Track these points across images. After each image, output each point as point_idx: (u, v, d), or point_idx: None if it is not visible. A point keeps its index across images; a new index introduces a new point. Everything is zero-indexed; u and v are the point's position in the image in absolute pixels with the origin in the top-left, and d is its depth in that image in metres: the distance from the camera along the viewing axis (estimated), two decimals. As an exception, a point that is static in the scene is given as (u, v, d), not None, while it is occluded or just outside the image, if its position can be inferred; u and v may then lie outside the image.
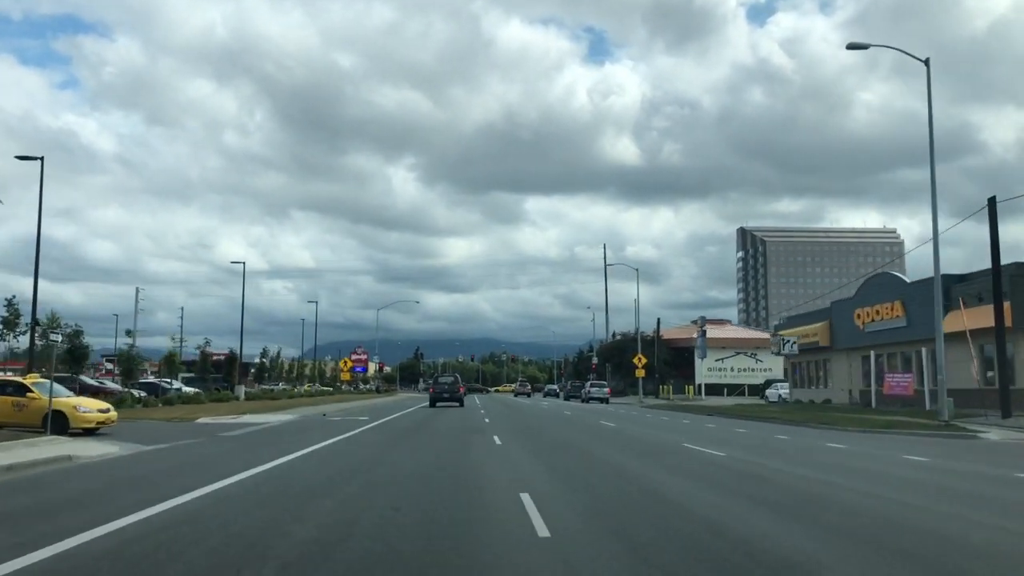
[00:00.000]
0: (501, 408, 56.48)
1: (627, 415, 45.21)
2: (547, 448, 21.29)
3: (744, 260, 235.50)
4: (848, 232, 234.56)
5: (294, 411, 41.39)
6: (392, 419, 36.24)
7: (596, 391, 75.92)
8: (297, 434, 25.34)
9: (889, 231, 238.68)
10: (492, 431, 27.90)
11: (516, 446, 21.78)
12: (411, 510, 10.00)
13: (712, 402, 63.63)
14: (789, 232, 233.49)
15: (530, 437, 25.66)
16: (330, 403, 54.21)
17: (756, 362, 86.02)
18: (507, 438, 24.41)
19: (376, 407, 52.81)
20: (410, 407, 53.25)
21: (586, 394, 76.22)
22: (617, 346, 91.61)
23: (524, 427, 32.20)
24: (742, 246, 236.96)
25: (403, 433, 26.55)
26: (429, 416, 40.52)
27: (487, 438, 24.27)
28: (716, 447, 21.17)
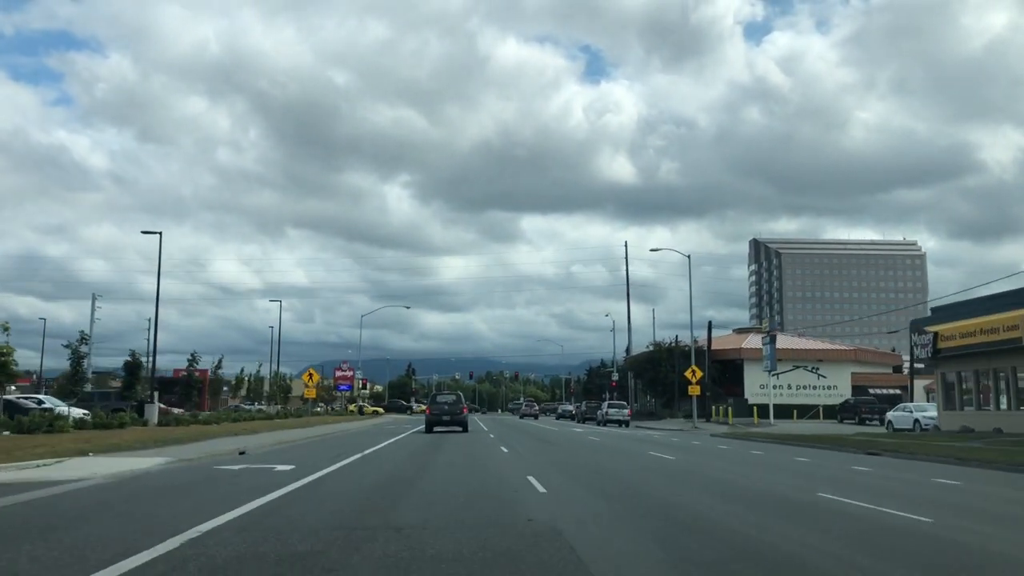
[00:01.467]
0: (514, 433, 41.95)
1: (694, 446, 30.64)
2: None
3: (757, 273, 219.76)
4: (866, 244, 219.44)
5: (195, 446, 24.94)
6: (351, 462, 20.10)
7: (615, 412, 63.47)
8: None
9: (909, 243, 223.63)
10: (527, 475, 17.30)
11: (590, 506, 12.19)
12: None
13: (792, 428, 47.32)
14: (804, 244, 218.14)
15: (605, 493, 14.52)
16: (275, 431, 37.88)
17: (818, 378, 69.63)
18: (566, 492, 14.55)
19: (342, 436, 37.00)
20: (393, 435, 37.31)
21: (603, 416, 63.87)
22: (650, 358, 75.28)
23: (565, 464, 21.61)
24: (754, 259, 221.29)
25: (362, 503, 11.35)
26: (423, 448, 27.78)
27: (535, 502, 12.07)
28: (906, 506, 11.85)
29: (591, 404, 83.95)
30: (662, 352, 74.86)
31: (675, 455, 24.91)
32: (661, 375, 72.81)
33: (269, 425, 42.62)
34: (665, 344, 75.94)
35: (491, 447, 28.33)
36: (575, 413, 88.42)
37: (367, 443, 30.77)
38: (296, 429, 40.88)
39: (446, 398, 43.73)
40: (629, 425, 62.09)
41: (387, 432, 43.12)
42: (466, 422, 41.99)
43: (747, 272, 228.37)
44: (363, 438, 35.80)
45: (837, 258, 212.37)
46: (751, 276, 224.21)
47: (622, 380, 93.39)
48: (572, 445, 30.64)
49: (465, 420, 41.77)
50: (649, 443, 33.32)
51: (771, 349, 55.46)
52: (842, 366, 74.05)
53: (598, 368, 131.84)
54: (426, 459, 22.06)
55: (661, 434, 45.29)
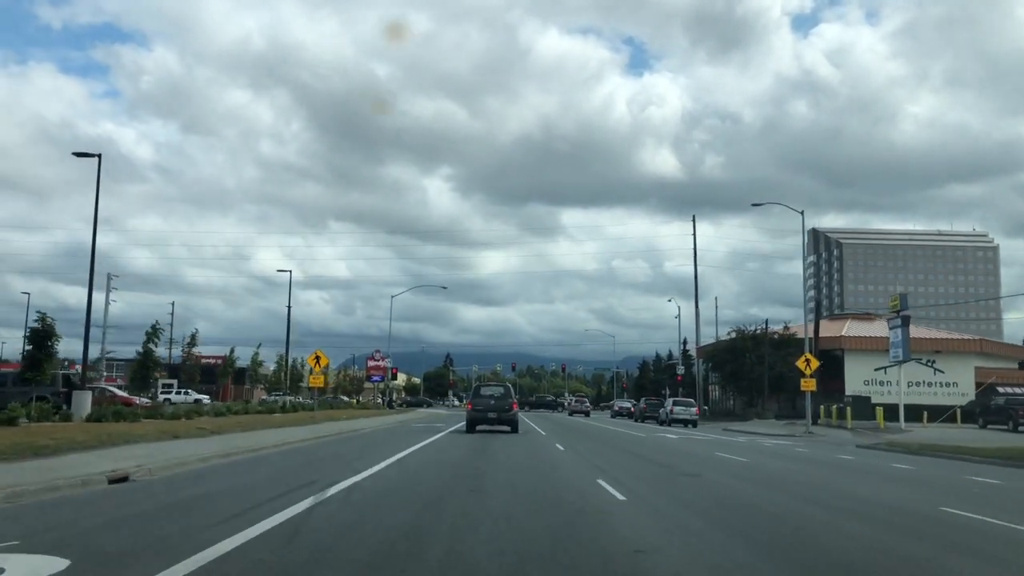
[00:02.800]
0: (581, 438, 31.58)
1: (851, 465, 19.69)
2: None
3: (816, 265, 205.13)
4: (933, 235, 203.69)
5: (30, 466, 13.44)
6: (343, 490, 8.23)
7: (681, 411, 55.08)
8: None
9: (980, 234, 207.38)
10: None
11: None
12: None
13: (939, 435, 34.94)
14: (867, 234, 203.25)
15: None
16: (250, 432, 26.82)
17: (935, 373, 56.77)
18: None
19: (349, 440, 25.98)
20: (418, 440, 26.01)
21: (667, 415, 55.74)
22: (731, 348, 62.84)
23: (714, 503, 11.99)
24: (813, 249, 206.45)
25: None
26: (464, 459, 19.29)
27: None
28: None
29: (651, 401, 72.24)
30: (746, 340, 62.48)
31: (864, 486, 13.50)
32: (745, 368, 60.51)
33: (250, 423, 31.36)
34: (749, 331, 63.58)
35: (573, 471, 16.76)
36: (633, 411, 76.54)
37: (374, 455, 19.49)
38: (287, 428, 29.76)
39: (492, 391, 34.88)
40: (697, 426, 51.98)
41: (415, 433, 31.93)
42: (516, 421, 33.22)
43: (804, 264, 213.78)
44: (375, 443, 24.68)
45: (901, 249, 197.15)
46: (809, 268, 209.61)
47: (688, 375, 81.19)
48: (689, 463, 19.05)
49: (515, 419, 33.09)
50: (779, 457, 21.74)
51: (903, 335, 43.13)
52: (963, 359, 61.04)
53: (655, 361, 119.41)
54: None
55: (773, 442, 33.40)
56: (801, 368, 41.27)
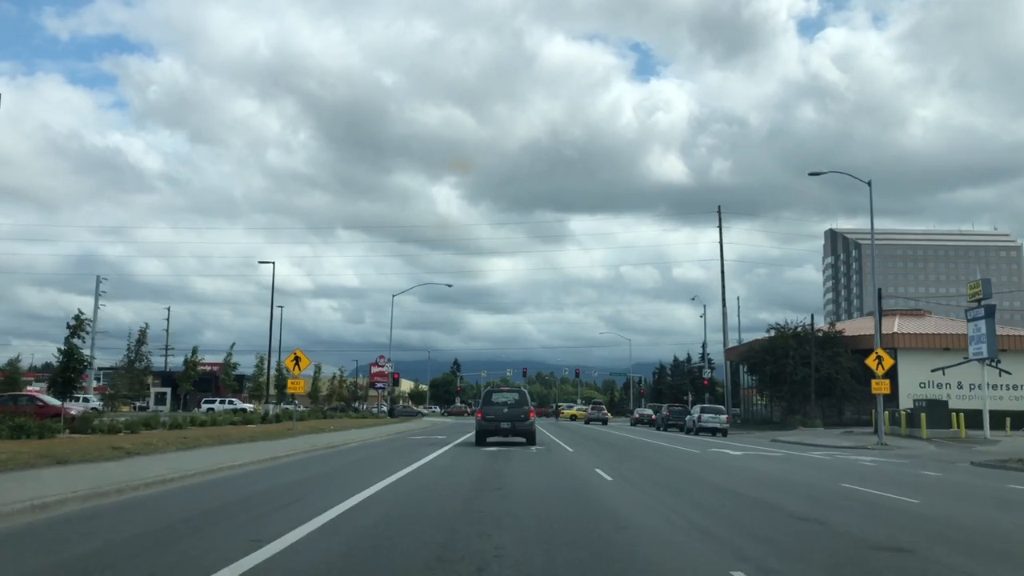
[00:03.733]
0: (615, 455, 24.98)
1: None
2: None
3: (834, 267, 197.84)
4: (954, 235, 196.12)
5: None
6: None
7: (710, 419, 49.35)
8: None
9: (1002, 234, 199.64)
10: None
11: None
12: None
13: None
14: (886, 234, 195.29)
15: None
16: (171, 453, 19.80)
17: (1000, 375, 49.64)
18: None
19: (327, 457, 20.08)
20: (407, 462, 19.05)
21: (694, 423, 50.08)
22: (769, 347, 55.68)
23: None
24: (831, 250, 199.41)
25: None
26: (468, 501, 12.37)
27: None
28: None
29: (675, 408, 65.39)
30: (787, 339, 55.39)
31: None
32: (787, 370, 53.43)
33: (200, 438, 24.63)
34: (790, 328, 56.48)
35: (656, 531, 9.84)
36: (655, 419, 69.60)
37: (332, 492, 12.71)
38: (249, 444, 23.30)
39: (505, 397, 29.49)
40: (727, 435, 46.31)
41: (409, 448, 25.21)
42: (533, 432, 28.62)
43: (822, 266, 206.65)
44: (349, 468, 17.97)
45: (922, 249, 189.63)
46: (827, 270, 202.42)
47: (713, 379, 74.18)
48: (841, 512, 12.24)
49: (532, 429, 28.45)
50: (951, 494, 14.92)
51: (987, 327, 36.25)
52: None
53: (673, 365, 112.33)
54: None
55: (868, 459, 26.53)
56: (872, 367, 34.40)
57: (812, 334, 53.12)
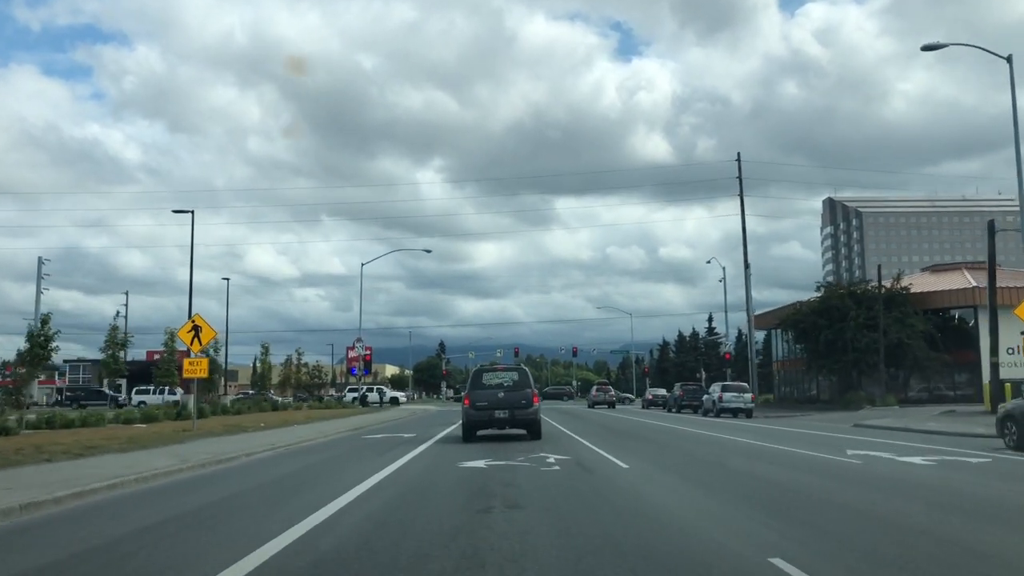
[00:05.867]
0: (687, 461, 15.48)
1: None
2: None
3: (834, 236, 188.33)
4: (958, 201, 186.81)
5: None
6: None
7: (733, 399, 42.22)
8: None
9: (1008, 199, 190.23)
10: None
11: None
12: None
13: None
14: (888, 202, 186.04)
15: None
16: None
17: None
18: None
19: (179, 492, 7.61)
20: (333, 491, 7.51)
21: (714, 403, 42.87)
22: (823, 309, 44.86)
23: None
24: (830, 220, 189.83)
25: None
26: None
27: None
28: None
29: (689, 387, 55.84)
30: (843, 298, 44.85)
31: None
32: (846, 336, 43.02)
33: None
34: (848, 286, 46.03)
35: None
36: (667, 399, 59.68)
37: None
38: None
39: (500, 378, 22.14)
40: (752, 415, 40.03)
41: (353, 457, 14.67)
42: (538, 422, 21.65)
43: (820, 235, 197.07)
44: (188, 520, 6.77)
45: (925, 216, 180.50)
46: (826, 240, 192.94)
47: (739, 354, 63.99)
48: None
49: (536, 418, 21.48)
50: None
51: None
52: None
53: (679, 342, 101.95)
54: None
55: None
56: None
57: (881, 289, 42.48)
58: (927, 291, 46.16)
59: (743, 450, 18.23)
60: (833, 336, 43.70)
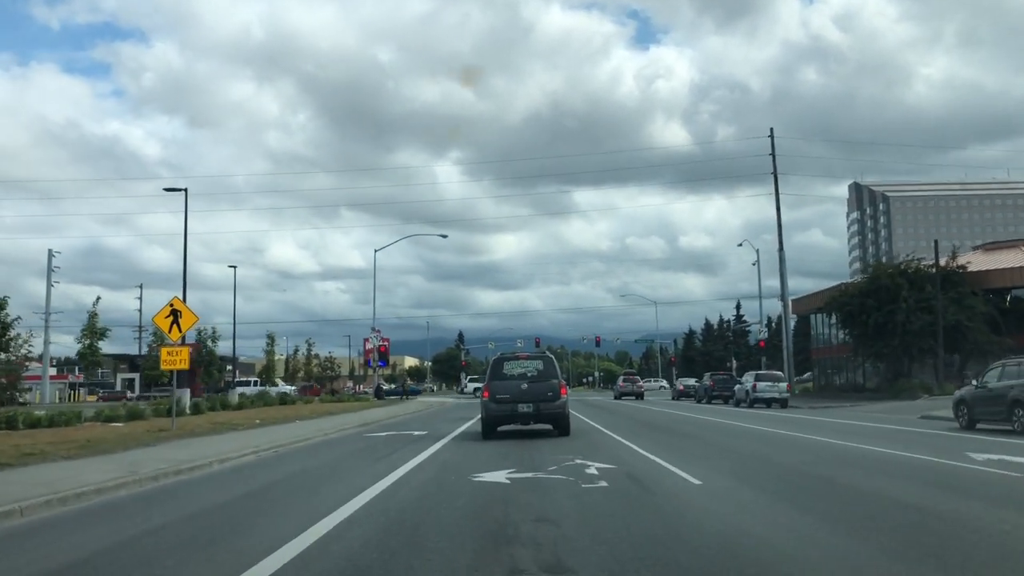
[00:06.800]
0: (798, 487, 10.05)
1: None
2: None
3: (860, 222, 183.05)
4: (988, 184, 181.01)
5: None
6: None
7: (768, 388, 39.73)
8: None
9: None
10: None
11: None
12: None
13: None
14: (916, 186, 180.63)
15: None
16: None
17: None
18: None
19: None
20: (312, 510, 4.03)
21: (747, 393, 40.37)
22: (872, 289, 40.85)
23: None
24: (856, 205, 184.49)
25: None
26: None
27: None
28: None
29: (719, 376, 52.74)
30: (894, 278, 40.97)
31: None
32: (897, 319, 39.19)
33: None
34: (894, 264, 42.18)
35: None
36: (696, 390, 56.31)
37: None
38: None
39: (523, 367, 19.29)
40: (787, 404, 38.30)
41: (345, 467, 11.11)
42: (566, 416, 18.96)
43: (846, 221, 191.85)
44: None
45: (955, 200, 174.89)
46: (852, 225, 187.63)
47: (769, 341, 60.24)
48: None
49: (564, 412, 18.84)
50: None
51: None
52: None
53: (705, 330, 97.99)
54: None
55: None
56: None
57: (938, 268, 38.47)
58: (986, 270, 42.16)
59: (827, 453, 14.65)
60: (883, 319, 39.87)
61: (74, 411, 25.18)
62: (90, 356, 45.06)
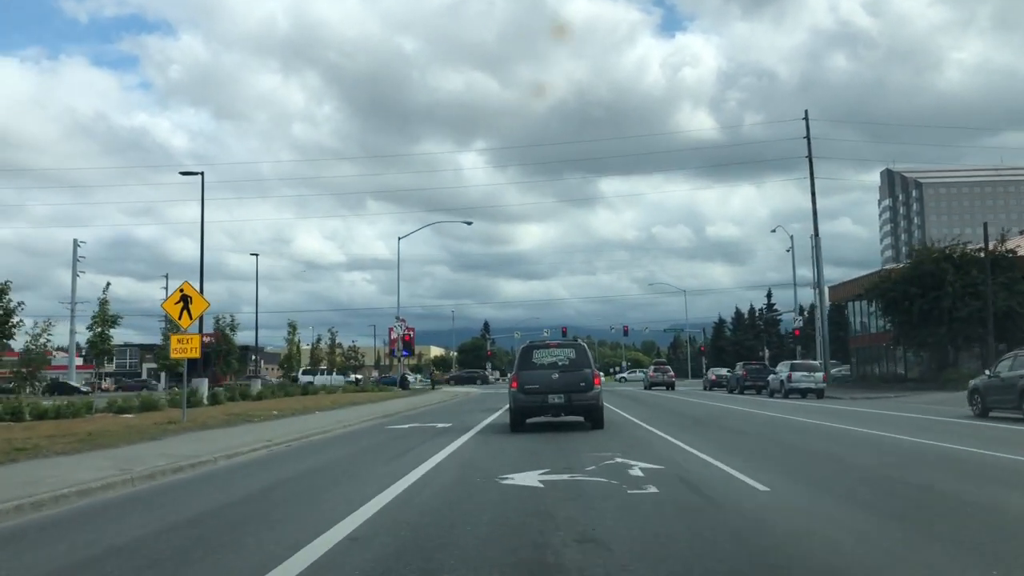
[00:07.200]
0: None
1: None
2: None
3: (892, 209, 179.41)
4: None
5: None
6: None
7: (803, 378, 38.41)
8: None
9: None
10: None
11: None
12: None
13: None
14: (950, 171, 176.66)
15: None
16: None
17: None
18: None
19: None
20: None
21: (781, 383, 39.05)
22: (915, 275, 38.89)
23: None
24: (888, 192, 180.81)
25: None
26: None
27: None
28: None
29: (752, 366, 51.34)
30: (939, 262, 39.00)
31: None
32: (943, 305, 37.27)
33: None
34: (945, 249, 40.14)
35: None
36: (729, 380, 54.75)
37: None
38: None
39: (554, 355, 18.12)
40: (823, 395, 37.25)
41: (345, 461, 9.63)
42: (599, 408, 17.72)
43: (878, 208, 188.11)
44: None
45: (991, 186, 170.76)
46: (884, 213, 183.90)
47: (807, 326, 58.37)
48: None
49: (598, 404, 17.60)
50: None
51: None
52: None
53: (736, 319, 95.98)
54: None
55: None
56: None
57: (987, 252, 36.35)
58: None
59: (905, 452, 13.01)
60: (928, 306, 37.92)
61: (85, 402, 24.14)
62: (100, 344, 43.82)
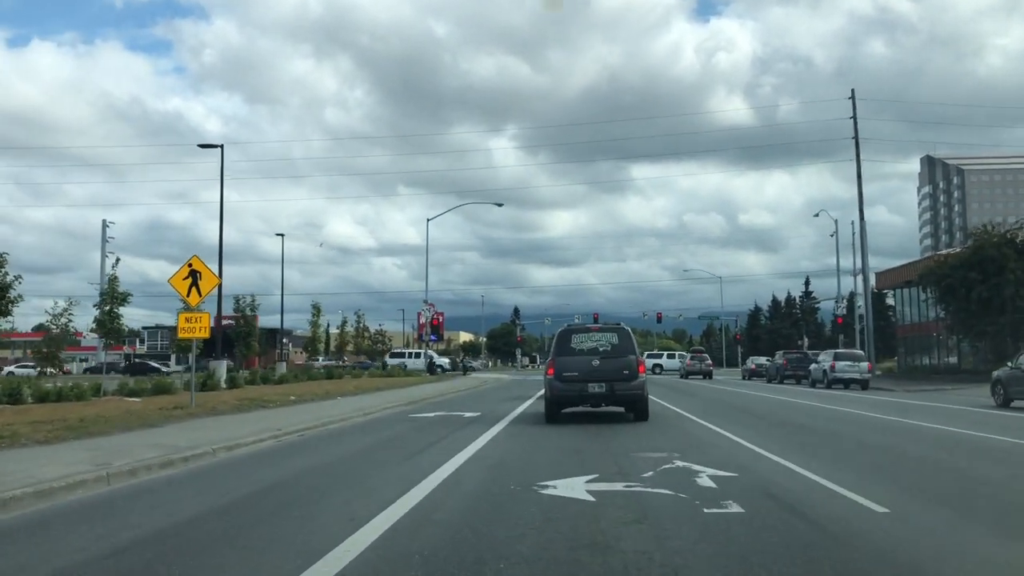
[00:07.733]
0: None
1: None
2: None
3: (932, 196, 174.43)
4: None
5: None
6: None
7: (847, 368, 36.69)
8: None
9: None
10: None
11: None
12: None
13: None
14: (994, 158, 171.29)
15: None
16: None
17: None
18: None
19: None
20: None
21: (824, 373, 37.47)
22: (975, 260, 36.18)
23: None
24: (928, 179, 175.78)
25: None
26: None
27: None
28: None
29: (792, 355, 49.54)
30: (999, 246, 36.36)
31: None
32: (1005, 293, 34.74)
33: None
34: (1007, 233, 37.51)
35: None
36: (768, 369, 52.79)
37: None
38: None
39: (594, 340, 16.30)
40: (868, 387, 35.29)
41: (360, 457, 7.77)
42: (644, 399, 16.08)
43: (917, 196, 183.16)
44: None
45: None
46: (923, 200, 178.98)
47: (848, 315, 55.90)
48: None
49: (642, 394, 15.97)
50: None
51: None
52: None
53: (772, 307, 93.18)
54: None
55: None
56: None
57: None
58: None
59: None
60: (988, 293, 35.44)
61: (93, 384, 22.72)
62: (109, 324, 42.18)
